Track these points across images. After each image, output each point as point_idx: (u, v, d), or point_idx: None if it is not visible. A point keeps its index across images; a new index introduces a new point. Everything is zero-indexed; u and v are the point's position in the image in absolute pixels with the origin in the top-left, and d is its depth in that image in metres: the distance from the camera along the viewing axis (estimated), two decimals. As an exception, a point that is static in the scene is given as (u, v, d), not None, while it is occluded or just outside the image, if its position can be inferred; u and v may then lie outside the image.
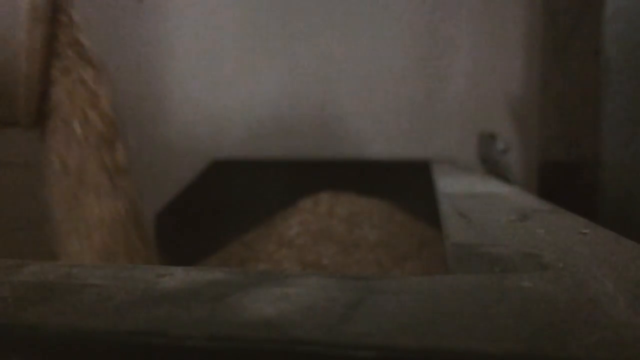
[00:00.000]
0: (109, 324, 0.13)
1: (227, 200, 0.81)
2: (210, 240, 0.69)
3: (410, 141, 0.86)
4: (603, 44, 0.50)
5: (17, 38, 0.49)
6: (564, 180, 0.65)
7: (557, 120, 0.69)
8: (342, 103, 0.86)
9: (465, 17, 0.84)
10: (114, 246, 0.47)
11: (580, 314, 0.14)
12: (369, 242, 0.54)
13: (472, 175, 0.54)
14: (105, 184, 0.48)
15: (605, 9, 0.50)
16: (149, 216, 0.80)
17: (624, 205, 0.49)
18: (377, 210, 0.63)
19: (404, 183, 0.72)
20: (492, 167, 0.61)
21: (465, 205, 0.32)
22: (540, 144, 0.77)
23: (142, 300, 0.15)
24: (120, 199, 0.47)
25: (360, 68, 0.86)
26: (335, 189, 0.69)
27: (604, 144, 0.50)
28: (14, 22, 0.50)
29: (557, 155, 0.69)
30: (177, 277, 0.17)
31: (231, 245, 0.66)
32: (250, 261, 0.58)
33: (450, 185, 0.44)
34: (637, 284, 0.16)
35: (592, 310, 0.14)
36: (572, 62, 0.62)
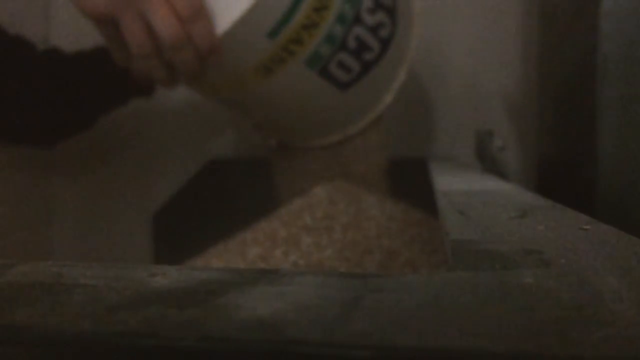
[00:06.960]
0: (98, 325, 0.12)
1: (225, 200, 0.81)
2: (209, 239, 0.68)
3: (407, 139, 0.86)
4: (599, 40, 0.50)
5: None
6: (562, 177, 0.65)
7: (554, 117, 0.69)
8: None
9: (462, 13, 0.84)
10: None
11: (584, 311, 0.13)
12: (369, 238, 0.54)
13: (470, 172, 0.54)
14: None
15: (601, 5, 0.50)
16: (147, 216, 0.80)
17: (620, 200, 0.49)
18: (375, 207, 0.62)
19: (401, 180, 0.72)
20: (490, 164, 0.61)
21: (464, 203, 0.32)
22: (539, 141, 0.77)
23: (133, 300, 0.15)
24: None
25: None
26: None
27: (601, 140, 0.50)
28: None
29: (555, 152, 0.68)
30: (169, 276, 0.17)
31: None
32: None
33: (448, 182, 0.43)
34: (642, 280, 0.15)
35: (597, 307, 0.13)
36: (570, 58, 0.62)
